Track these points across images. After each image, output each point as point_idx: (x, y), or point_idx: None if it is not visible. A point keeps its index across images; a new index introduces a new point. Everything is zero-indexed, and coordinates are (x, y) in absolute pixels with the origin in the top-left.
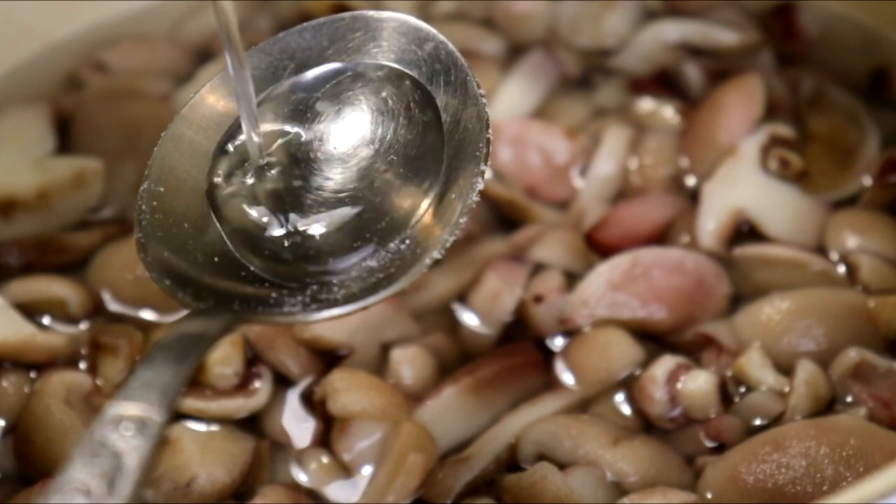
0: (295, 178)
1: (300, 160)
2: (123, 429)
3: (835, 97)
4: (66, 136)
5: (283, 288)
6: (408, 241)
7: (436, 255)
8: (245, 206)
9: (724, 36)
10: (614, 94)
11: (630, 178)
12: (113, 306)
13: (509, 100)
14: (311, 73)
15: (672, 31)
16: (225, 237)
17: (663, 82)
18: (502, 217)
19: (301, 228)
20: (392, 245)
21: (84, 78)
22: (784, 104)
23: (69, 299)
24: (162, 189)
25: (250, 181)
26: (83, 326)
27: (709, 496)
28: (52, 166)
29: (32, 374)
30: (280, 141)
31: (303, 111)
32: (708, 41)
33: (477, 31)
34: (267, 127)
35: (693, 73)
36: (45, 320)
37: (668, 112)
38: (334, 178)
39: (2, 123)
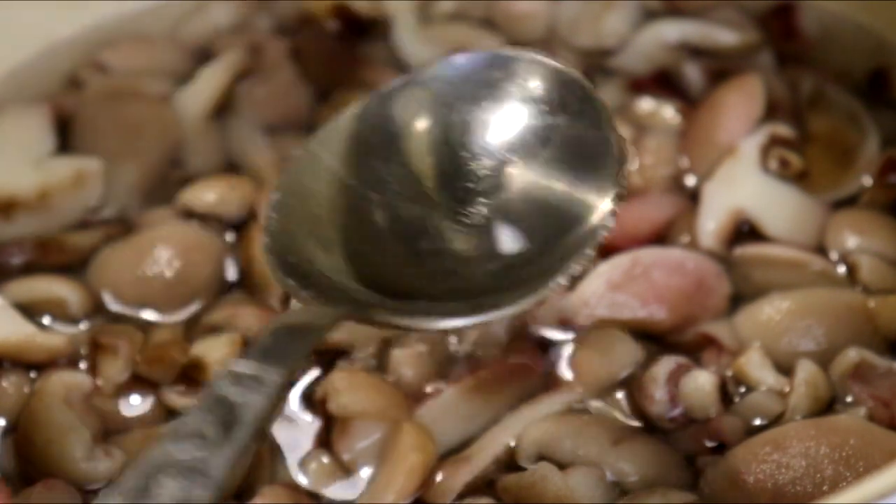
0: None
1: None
2: (242, 385)
3: (835, 97)
4: (66, 136)
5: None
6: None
7: (561, 280)
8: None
9: (724, 36)
10: (614, 94)
11: (630, 178)
12: (113, 306)
13: None
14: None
15: (672, 31)
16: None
17: (663, 82)
18: None
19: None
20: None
21: (84, 78)
22: (784, 104)
23: (69, 299)
24: (293, 202)
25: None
26: (83, 326)
27: (709, 496)
28: (53, 166)
29: (32, 375)
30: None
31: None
32: (708, 41)
33: (477, 31)
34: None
35: (693, 73)
36: (46, 320)
37: (668, 112)
38: (470, 193)
39: (2, 123)
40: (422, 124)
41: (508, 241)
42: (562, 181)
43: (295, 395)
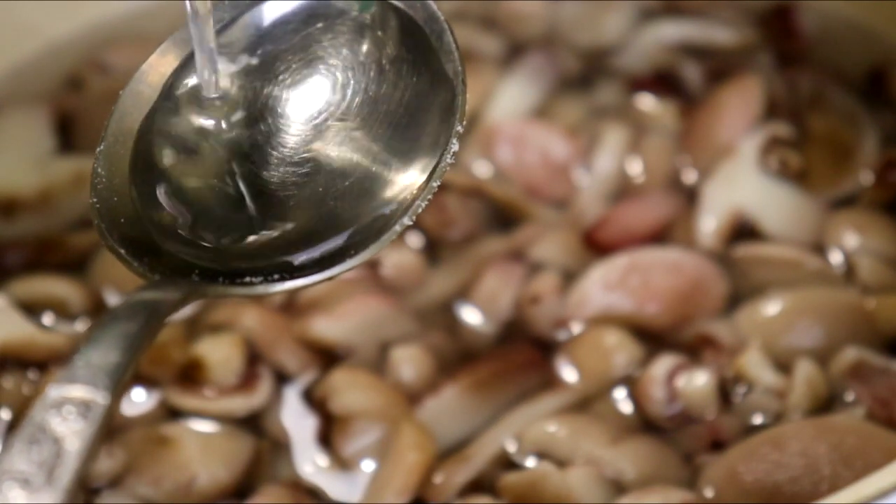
0: (256, 136)
1: (263, 117)
2: (66, 412)
3: (834, 97)
4: (67, 136)
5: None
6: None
7: (406, 221)
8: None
9: (724, 36)
10: (614, 93)
11: (629, 177)
12: (115, 304)
13: (509, 100)
14: (278, 23)
15: (671, 30)
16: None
17: (663, 82)
18: (502, 216)
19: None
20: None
21: (85, 78)
22: (783, 104)
23: (70, 298)
24: (121, 151)
25: (205, 124)
26: (84, 325)
27: (708, 495)
28: (53, 166)
29: (33, 374)
30: (237, 83)
31: (269, 65)
32: (707, 41)
33: (477, 31)
34: (226, 69)
35: (693, 73)
36: (47, 319)
37: (668, 112)
38: (299, 143)
39: (2, 123)
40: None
41: (343, 192)
42: (393, 120)
43: (295, 394)
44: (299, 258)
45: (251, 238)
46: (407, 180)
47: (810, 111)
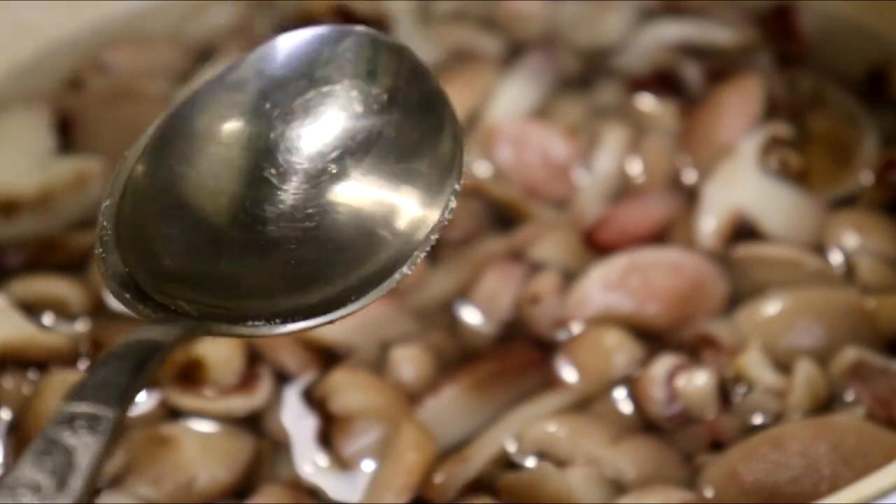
0: (257, 182)
1: (265, 162)
2: (77, 426)
3: (834, 97)
4: (67, 137)
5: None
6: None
7: (406, 270)
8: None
9: (724, 36)
10: (614, 93)
11: (629, 177)
12: (115, 304)
13: (509, 100)
14: (285, 67)
15: (671, 30)
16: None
17: (663, 82)
18: (501, 216)
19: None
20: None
21: (84, 78)
22: (783, 104)
23: (69, 299)
24: (125, 203)
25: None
26: (84, 325)
27: (708, 495)
28: (53, 166)
29: (34, 374)
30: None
31: (274, 109)
32: (707, 41)
33: (477, 31)
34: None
35: (692, 73)
36: (47, 319)
37: (668, 112)
38: (300, 191)
39: (2, 123)
40: (234, 134)
41: (344, 241)
42: (394, 177)
43: (295, 394)
44: (301, 304)
45: (252, 286)
46: (406, 231)
47: (810, 111)
